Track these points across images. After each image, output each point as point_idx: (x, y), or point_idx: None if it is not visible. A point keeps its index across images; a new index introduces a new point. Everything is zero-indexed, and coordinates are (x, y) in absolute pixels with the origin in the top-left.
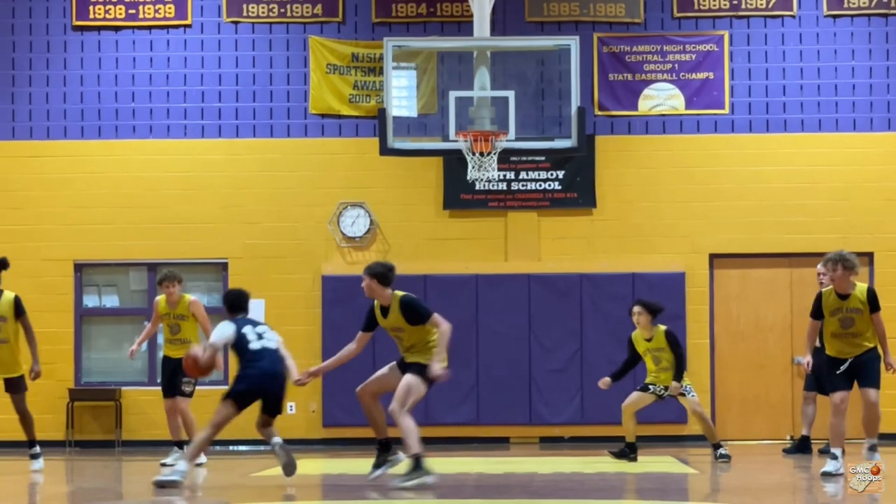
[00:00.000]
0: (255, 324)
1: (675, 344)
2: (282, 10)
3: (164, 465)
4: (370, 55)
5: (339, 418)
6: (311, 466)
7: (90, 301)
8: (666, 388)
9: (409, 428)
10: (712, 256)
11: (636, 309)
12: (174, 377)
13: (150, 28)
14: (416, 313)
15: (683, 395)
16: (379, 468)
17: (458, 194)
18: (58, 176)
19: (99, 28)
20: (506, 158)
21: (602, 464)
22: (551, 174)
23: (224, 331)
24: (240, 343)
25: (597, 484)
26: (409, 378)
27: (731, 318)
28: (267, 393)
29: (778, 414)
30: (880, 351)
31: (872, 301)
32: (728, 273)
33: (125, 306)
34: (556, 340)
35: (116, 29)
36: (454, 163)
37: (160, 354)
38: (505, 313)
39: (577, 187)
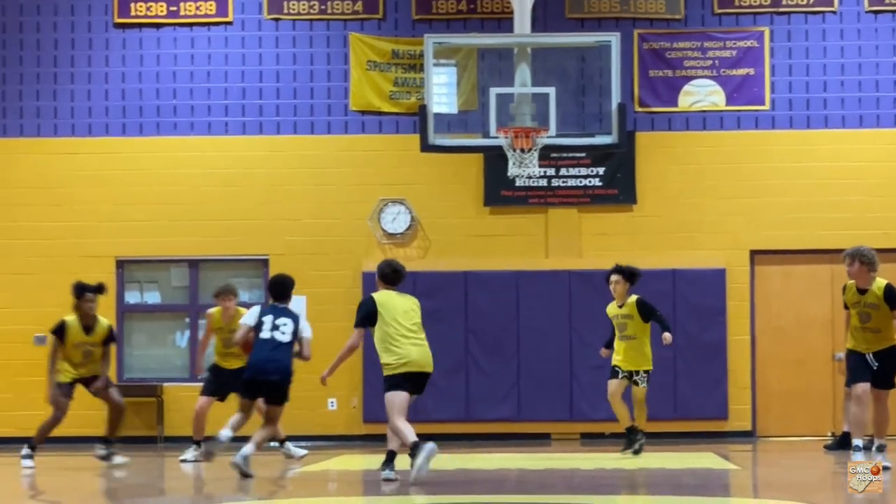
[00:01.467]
0: (279, 314)
1: (649, 312)
2: (322, 7)
3: (183, 461)
4: (411, 52)
5: (380, 414)
6: (351, 462)
7: (132, 297)
8: (631, 374)
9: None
10: (753, 253)
11: (614, 277)
12: (220, 384)
13: (191, 25)
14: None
15: (636, 383)
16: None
17: (499, 191)
18: (99, 173)
19: (140, 25)
20: (546, 155)
21: (644, 460)
22: (592, 171)
23: (251, 314)
24: (256, 330)
25: (639, 480)
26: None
27: (772, 314)
28: (262, 380)
29: (819, 410)
30: None
31: (888, 298)
32: (769, 269)
33: (166, 302)
34: (597, 336)
35: (158, 26)
36: (495, 159)
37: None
38: (546, 310)
39: (618, 184)
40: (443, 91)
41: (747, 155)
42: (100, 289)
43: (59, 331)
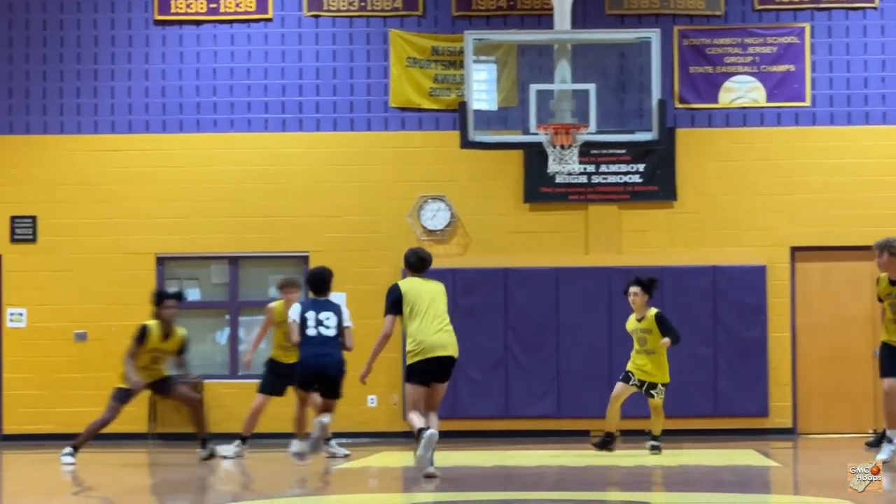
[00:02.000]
0: (320, 309)
1: (667, 328)
2: (362, 4)
3: (225, 457)
4: (450, 48)
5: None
6: (391, 459)
7: None
8: (643, 383)
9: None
10: (794, 249)
11: (633, 289)
12: (278, 381)
13: (231, 22)
14: None
15: (653, 395)
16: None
17: (539, 187)
18: (140, 170)
19: (181, 22)
20: (586, 151)
21: (684, 456)
22: (632, 167)
23: (293, 311)
24: (301, 327)
25: (679, 477)
26: None
27: (812, 311)
28: (318, 375)
29: (860, 407)
30: None
31: None
32: (809, 266)
33: (207, 299)
34: None
35: (198, 23)
36: (535, 156)
37: (241, 348)
38: (585, 306)
39: (658, 180)
40: (483, 87)
41: (787, 151)
42: (179, 295)
43: (141, 336)
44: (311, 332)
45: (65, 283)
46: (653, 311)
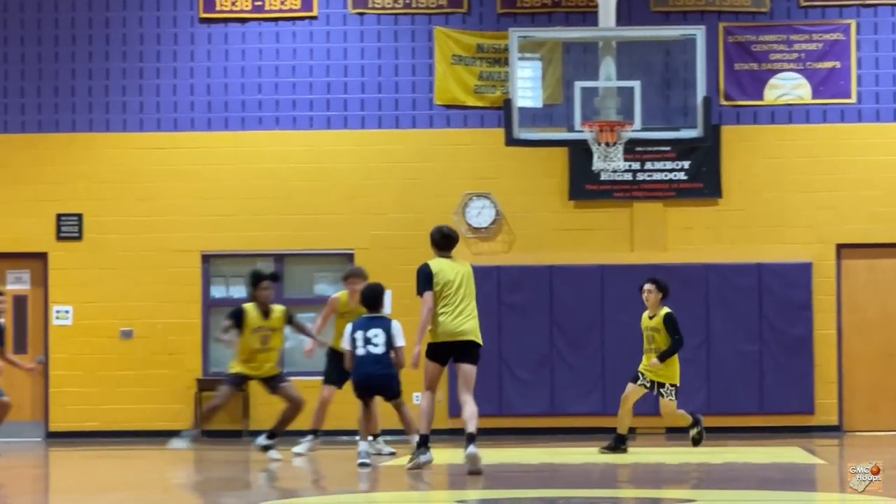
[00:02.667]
0: (368, 326)
1: (672, 329)
2: (407, 1)
3: (298, 454)
4: (495, 46)
5: None
6: (437, 456)
7: (217, 292)
8: (651, 383)
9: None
10: (839, 246)
11: (647, 287)
12: (341, 371)
13: (276, 20)
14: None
15: (662, 395)
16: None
17: (584, 185)
18: (185, 167)
19: (226, 20)
20: (631, 149)
21: (730, 454)
22: (677, 164)
23: (346, 332)
24: (351, 346)
25: (724, 474)
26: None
27: (858, 308)
28: (372, 392)
29: None
30: None
31: None
32: (855, 263)
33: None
34: (682, 331)
35: (243, 21)
36: (580, 153)
37: (287, 345)
38: (630, 304)
39: (703, 177)
40: (528, 85)
41: (833, 148)
42: (275, 276)
43: (235, 315)
44: (360, 351)
45: (110, 281)
46: (664, 310)
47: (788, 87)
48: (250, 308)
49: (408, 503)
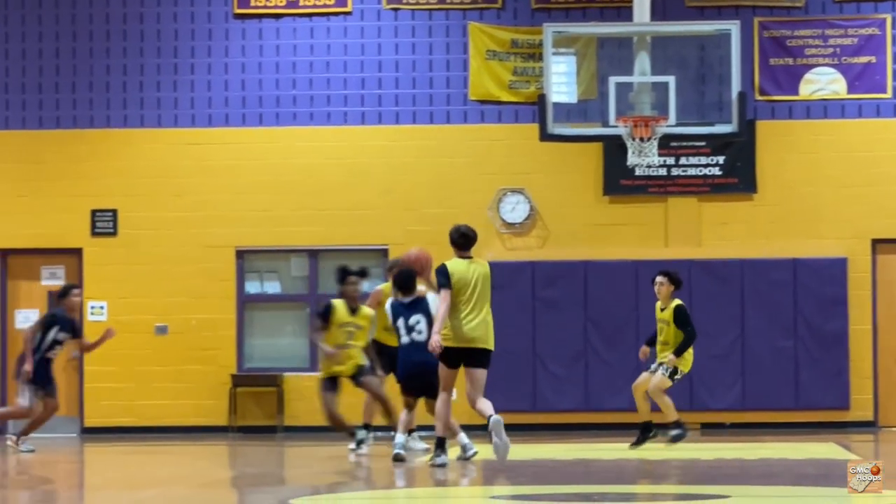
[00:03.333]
0: (409, 313)
1: (682, 322)
2: None
3: (353, 450)
4: (530, 41)
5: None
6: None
7: (252, 287)
8: (659, 365)
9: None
10: (875, 241)
11: (659, 279)
12: (383, 359)
13: (310, 16)
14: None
15: (660, 372)
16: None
17: (618, 180)
18: (219, 163)
19: (260, 16)
20: (666, 144)
21: (764, 450)
22: (711, 159)
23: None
24: (395, 333)
25: (759, 470)
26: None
27: (894, 303)
28: (418, 382)
29: None
30: None
31: None
32: (891, 258)
33: (286, 292)
34: (717, 326)
35: (277, 17)
36: (614, 148)
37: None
38: None
39: (738, 172)
40: (562, 80)
41: (869, 143)
42: (362, 272)
43: (324, 312)
44: (404, 339)
45: (145, 277)
46: (675, 302)
47: (824, 82)
48: (339, 304)
49: (441, 499)
